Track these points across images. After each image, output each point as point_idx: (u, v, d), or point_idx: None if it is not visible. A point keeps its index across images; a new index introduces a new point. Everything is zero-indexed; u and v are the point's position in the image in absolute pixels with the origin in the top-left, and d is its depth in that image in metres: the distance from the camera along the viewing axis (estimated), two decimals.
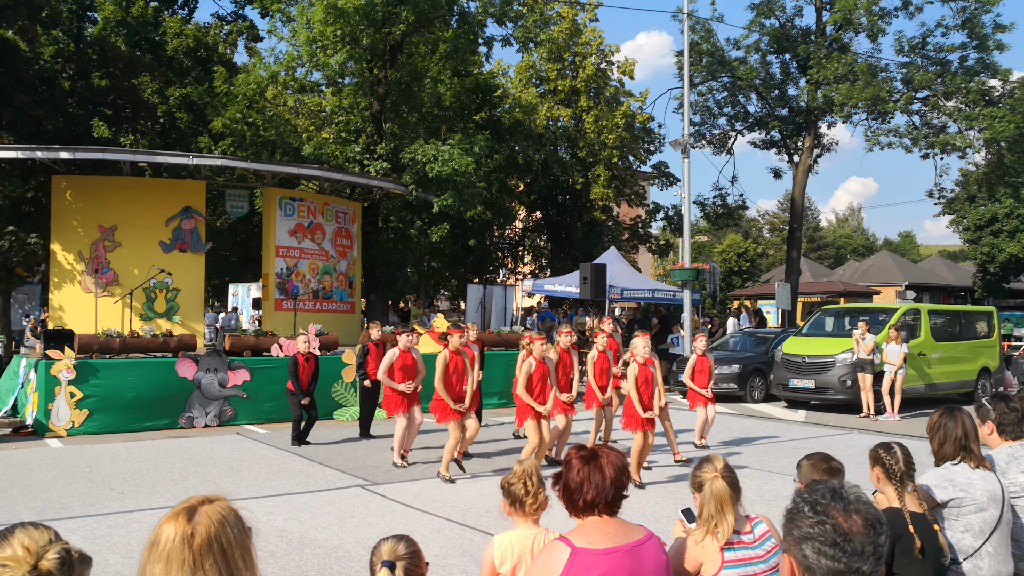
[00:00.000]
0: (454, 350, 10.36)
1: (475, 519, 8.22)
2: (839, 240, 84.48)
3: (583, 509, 2.99)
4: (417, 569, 2.89)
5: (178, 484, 9.70)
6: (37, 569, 1.99)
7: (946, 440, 4.46)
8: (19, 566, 1.98)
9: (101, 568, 6.40)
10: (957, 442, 4.42)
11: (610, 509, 3.01)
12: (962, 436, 4.42)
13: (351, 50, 23.24)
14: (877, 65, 29.66)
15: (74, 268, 17.93)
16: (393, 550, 2.89)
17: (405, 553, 2.90)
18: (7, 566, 1.99)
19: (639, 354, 10.08)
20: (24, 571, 1.97)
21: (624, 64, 36.26)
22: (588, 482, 2.98)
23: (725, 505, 3.53)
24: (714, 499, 3.54)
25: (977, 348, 19.74)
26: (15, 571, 1.97)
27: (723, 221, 37.12)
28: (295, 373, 12.60)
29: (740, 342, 22.17)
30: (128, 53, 24.89)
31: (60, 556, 2.02)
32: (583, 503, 2.98)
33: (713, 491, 3.55)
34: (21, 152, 17.25)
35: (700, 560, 3.49)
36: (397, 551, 2.89)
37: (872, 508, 1.92)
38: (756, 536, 3.57)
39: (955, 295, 49.36)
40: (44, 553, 2.00)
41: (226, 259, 30.72)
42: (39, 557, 2.00)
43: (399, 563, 2.84)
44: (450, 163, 21.82)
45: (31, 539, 2.03)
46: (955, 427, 4.45)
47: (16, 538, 2.02)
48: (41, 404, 13.29)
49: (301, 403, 12.54)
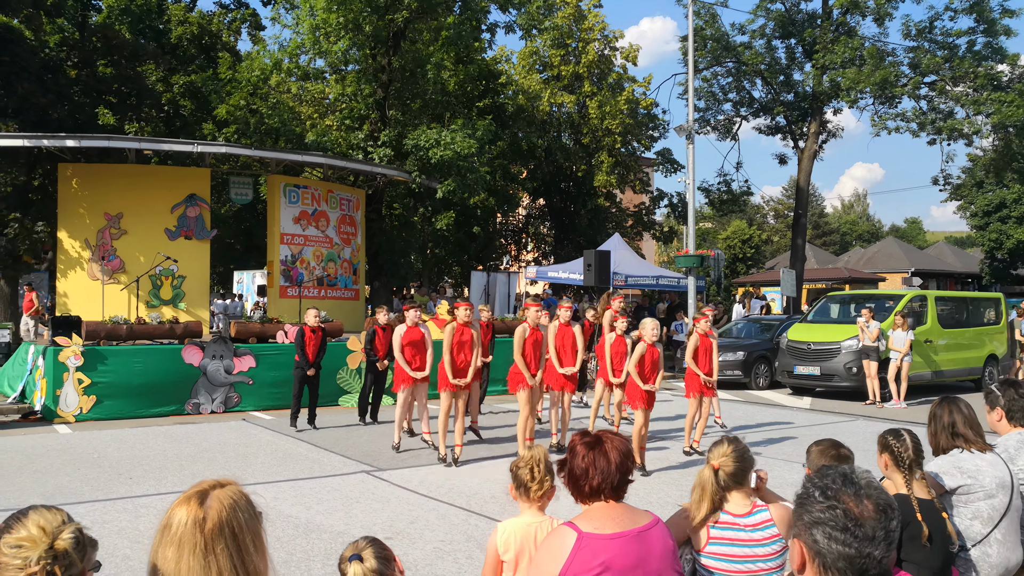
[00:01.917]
0: (463, 322, 10.47)
1: (480, 505, 8.24)
2: (844, 226, 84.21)
3: (589, 495, 3.00)
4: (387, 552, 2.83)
5: (185, 470, 9.74)
6: (53, 549, 2.02)
7: (938, 430, 4.46)
8: (36, 546, 2.01)
9: (110, 552, 6.43)
10: (946, 429, 4.42)
11: (616, 494, 3.01)
12: (950, 424, 4.41)
13: (354, 37, 23.21)
14: (884, 49, 29.50)
15: (80, 256, 17.97)
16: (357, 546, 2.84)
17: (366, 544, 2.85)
18: (24, 546, 2.02)
19: (647, 335, 10.12)
20: (40, 551, 2.00)
21: (628, 50, 36.13)
22: (593, 468, 2.98)
23: (704, 492, 3.64)
24: (698, 486, 3.68)
25: (984, 335, 19.69)
26: (32, 551, 2.00)
27: (727, 207, 37.05)
28: (301, 343, 12.62)
29: (745, 329, 22.15)
30: (132, 41, 24.85)
31: (75, 536, 2.05)
32: (589, 489, 2.99)
33: (699, 478, 3.68)
34: (27, 140, 17.26)
35: (687, 533, 3.64)
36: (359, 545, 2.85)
37: (883, 493, 1.92)
38: (756, 521, 3.59)
39: (962, 282, 49.20)
40: (59, 533, 2.03)
41: (231, 246, 30.77)
42: (54, 537, 2.02)
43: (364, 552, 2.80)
44: (452, 147, 21.80)
45: (46, 520, 2.06)
46: (943, 415, 4.45)
47: (31, 519, 2.06)
48: (49, 390, 13.34)
49: (306, 376, 12.58)
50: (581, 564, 2.82)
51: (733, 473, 3.66)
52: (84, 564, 2.12)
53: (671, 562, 2.96)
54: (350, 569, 2.70)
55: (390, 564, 2.79)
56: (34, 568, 1.98)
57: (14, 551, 2.01)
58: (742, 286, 42.67)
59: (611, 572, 2.81)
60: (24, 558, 2.00)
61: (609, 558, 2.82)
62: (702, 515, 3.59)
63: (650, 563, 2.89)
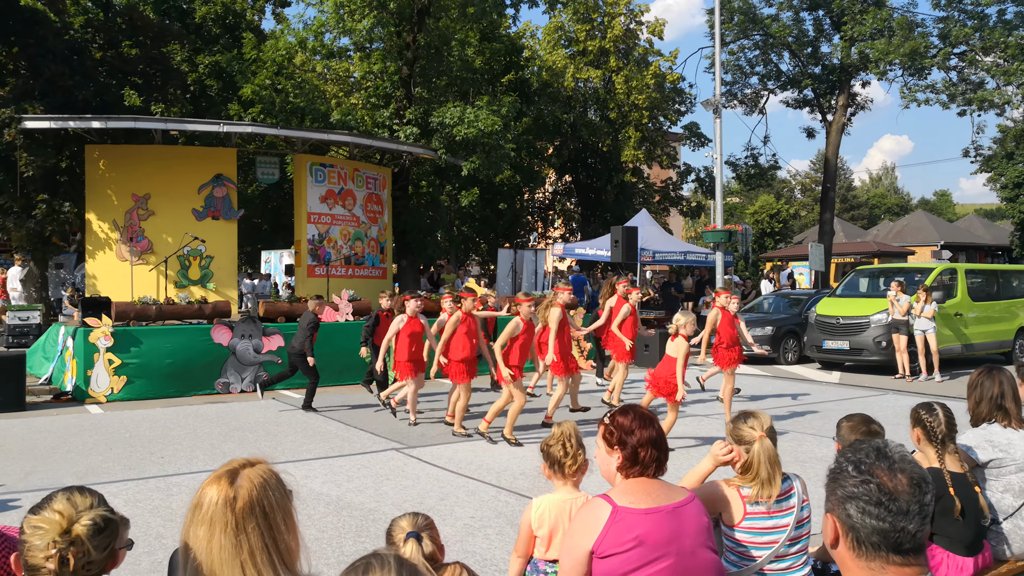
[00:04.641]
0: (467, 312, 10.60)
1: (510, 481, 8.26)
2: (873, 200, 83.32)
3: (642, 469, 3.03)
4: (438, 540, 2.88)
5: (216, 449, 9.84)
6: (69, 533, 2.06)
7: (982, 399, 4.42)
8: (52, 530, 2.07)
9: (143, 530, 6.51)
10: (992, 400, 4.38)
11: (660, 469, 3.08)
12: (998, 395, 4.38)
13: (379, 15, 23.15)
14: (913, 20, 29.07)
15: (109, 237, 18.10)
16: (414, 522, 2.87)
17: (425, 524, 2.89)
18: (42, 528, 2.06)
19: (685, 329, 9.58)
20: (55, 535, 2.05)
21: (654, 24, 35.83)
22: (649, 444, 3.04)
23: (775, 467, 3.53)
24: (767, 462, 3.52)
25: (1015, 307, 19.44)
26: (47, 535, 2.05)
27: (755, 182, 36.81)
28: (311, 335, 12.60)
29: (773, 304, 22.02)
30: (157, 21, 24.89)
31: (93, 522, 2.10)
32: (644, 462, 3.03)
33: (764, 451, 3.53)
34: (54, 122, 17.37)
35: (718, 508, 3.54)
36: (418, 523, 2.88)
37: (917, 467, 1.90)
38: (782, 492, 3.57)
39: (992, 254, 48.59)
40: (78, 519, 2.10)
41: (258, 226, 30.86)
42: (72, 522, 2.09)
43: (424, 534, 2.83)
44: (476, 124, 21.74)
45: (70, 504, 2.13)
46: (992, 385, 4.40)
47: (55, 503, 2.13)
48: (80, 371, 13.49)
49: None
50: (615, 537, 2.83)
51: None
52: (115, 544, 2.16)
53: (705, 539, 2.97)
54: (407, 546, 2.73)
55: (437, 545, 2.84)
56: (50, 551, 2.03)
57: (32, 530, 2.07)
58: (770, 260, 42.40)
59: (644, 547, 2.82)
60: (41, 539, 2.05)
61: (643, 532, 2.83)
62: (775, 491, 3.50)
63: (684, 539, 2.89)
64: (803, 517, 3.57)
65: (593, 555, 2.85)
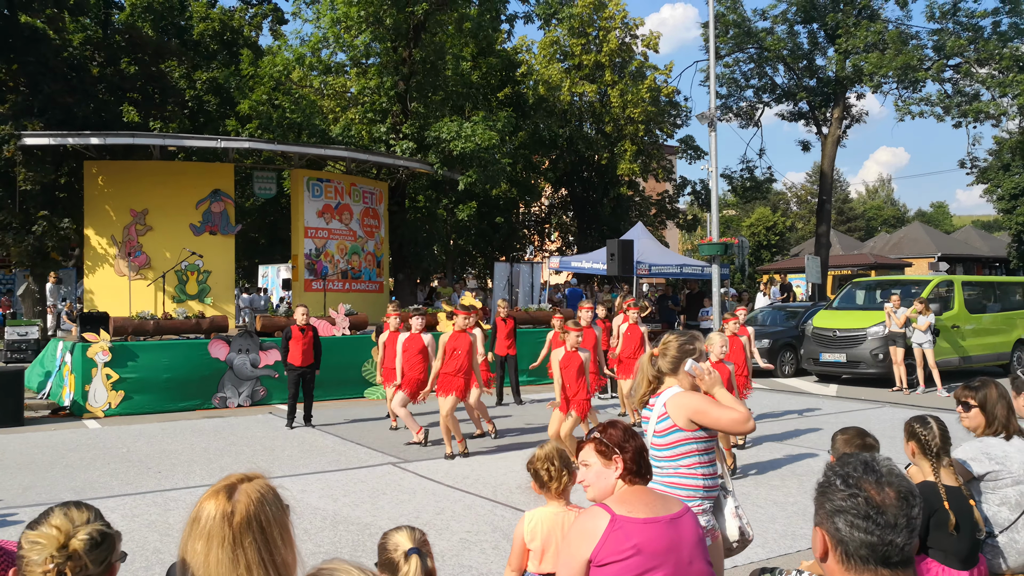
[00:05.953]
0: (459, 329, 10.47)
1: (506, 495, 8.27)
2: (869, 212, 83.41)
3: (644, 474, 3.15)
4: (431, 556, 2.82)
5: (213, 463, 9.84)
6: (66, 548, 2.08)
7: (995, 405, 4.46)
8: (49, 545, 2.09)
9: (140, 545, 6.52)
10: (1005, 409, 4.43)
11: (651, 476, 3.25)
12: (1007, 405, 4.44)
13: (375, 30, 23.24)
14: (907, 32, 29.20)
15: (107, 252, 18.14)
16: (412, 536, 2.80)
17: (422, 539, 2.82)
18: (39, 543, 2.09)
19: (715, 352, 9.02)
20: (53, 550, 2.07)
21: (649, 37, 35.88)
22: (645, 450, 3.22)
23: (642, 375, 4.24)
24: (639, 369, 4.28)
25: (1012, 319, 19.45)
26: (45, 550, 2.08)
27: (751, 194, 36.86)
28: (285, 343, 12.40)
29: (770, 316, 22.03)
30: (155, 38, 24.98)
31: (90, 537, 2.12)
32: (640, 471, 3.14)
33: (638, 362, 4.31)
34: (53, 139, 17.44)
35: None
36: (416, 536, 2.81)
37: (905, 480, 1.92)
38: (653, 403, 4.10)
39: (989, 266, 48.69)
40: (75, 534, 2.12)
41: (255, 241, 30.89)
42: (69, 537, 2.11)
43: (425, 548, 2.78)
44: (473, 139, 21.80)
45: (67, 520, 2.15)
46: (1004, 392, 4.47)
47: (53, 519, 2.15)
48: (78, 386, 13.50)
49: (298, 375, 12.33)
50: (613, 546, 2.84)
51: (669, 361, 4.11)
52: (111, 558, 2.19)
53: (702, 550, 2.99)
54: (410, 563, 2.68)
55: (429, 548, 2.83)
56: (48, 566, 2.06)
57: (30, 545, 2.10)
58: (766, 273, 42.44)
59: (642, 556, 2.83)
60: (39, 554, 2.07)
61: (641, 542, 2.85)
62: (639, 396, 4.17)
63: (682, 550, 2.91)
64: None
65: (591, 564, 2.86)
